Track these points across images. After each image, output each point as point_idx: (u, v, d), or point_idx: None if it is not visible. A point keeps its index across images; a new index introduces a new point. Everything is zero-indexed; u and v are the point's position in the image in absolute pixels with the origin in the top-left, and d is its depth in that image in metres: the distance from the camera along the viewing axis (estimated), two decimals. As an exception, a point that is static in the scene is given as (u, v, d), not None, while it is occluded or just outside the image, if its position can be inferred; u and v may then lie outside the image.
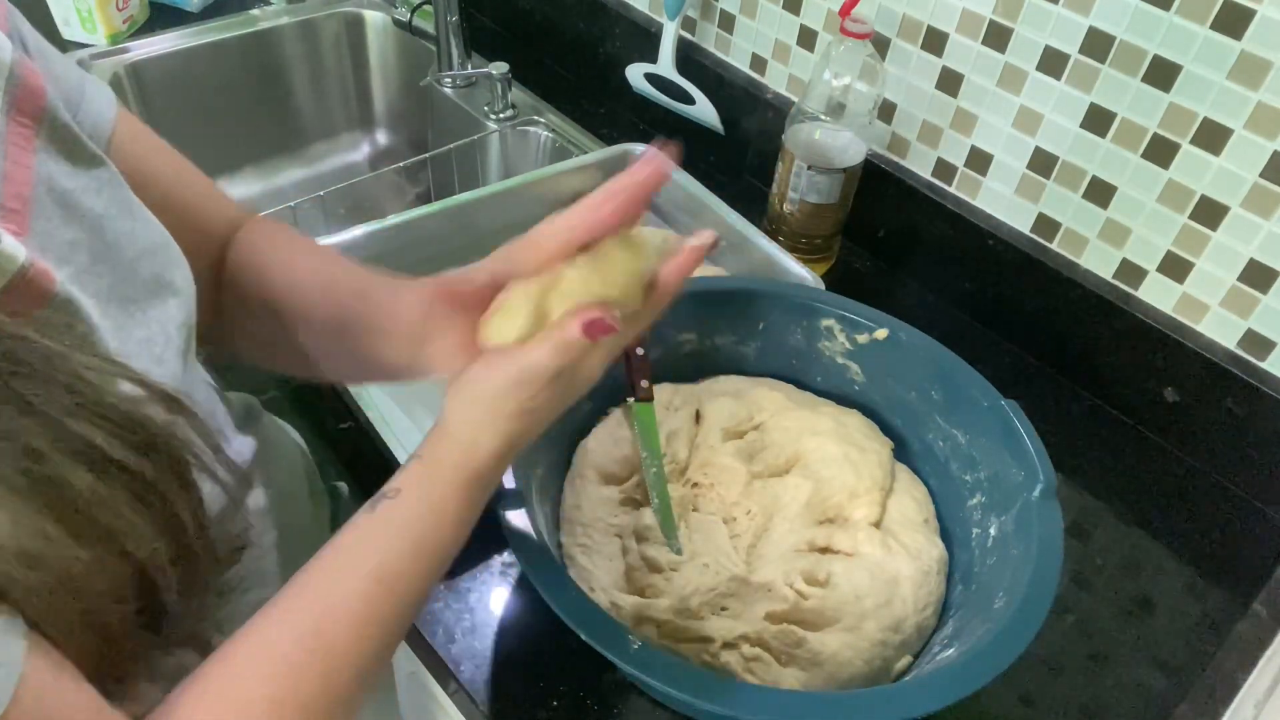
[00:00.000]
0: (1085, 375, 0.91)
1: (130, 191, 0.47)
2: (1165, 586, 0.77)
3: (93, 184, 0.44)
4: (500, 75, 1.14)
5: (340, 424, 0.81)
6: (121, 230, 0.45)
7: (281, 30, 1.29)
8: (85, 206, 0.43)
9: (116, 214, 0.45)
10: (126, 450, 0.38)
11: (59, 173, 0.43)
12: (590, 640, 0.53)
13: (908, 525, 0.69)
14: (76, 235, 0.42)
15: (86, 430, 0.36)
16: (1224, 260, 0.80)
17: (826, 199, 0.94)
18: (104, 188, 0.45)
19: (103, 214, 0.44)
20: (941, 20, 0.89)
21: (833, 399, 0.78)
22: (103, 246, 0.44)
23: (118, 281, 0.44)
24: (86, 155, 0.45)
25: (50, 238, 0.41)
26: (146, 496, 0.39)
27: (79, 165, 0.44)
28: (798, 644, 0.61)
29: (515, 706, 0.64)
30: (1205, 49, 0.74)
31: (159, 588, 0.40)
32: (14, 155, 0.40)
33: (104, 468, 0.37)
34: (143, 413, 0.39)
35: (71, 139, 0.44)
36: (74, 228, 0.42)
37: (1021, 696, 0.68)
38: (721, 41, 1.12)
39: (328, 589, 0.46)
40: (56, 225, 0.41)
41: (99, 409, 0.37)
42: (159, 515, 0.39)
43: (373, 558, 0.47)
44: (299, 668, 0.43)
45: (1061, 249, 0.90)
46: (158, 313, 0.46)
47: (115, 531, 0.37)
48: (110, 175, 0.46)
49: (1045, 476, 0.63)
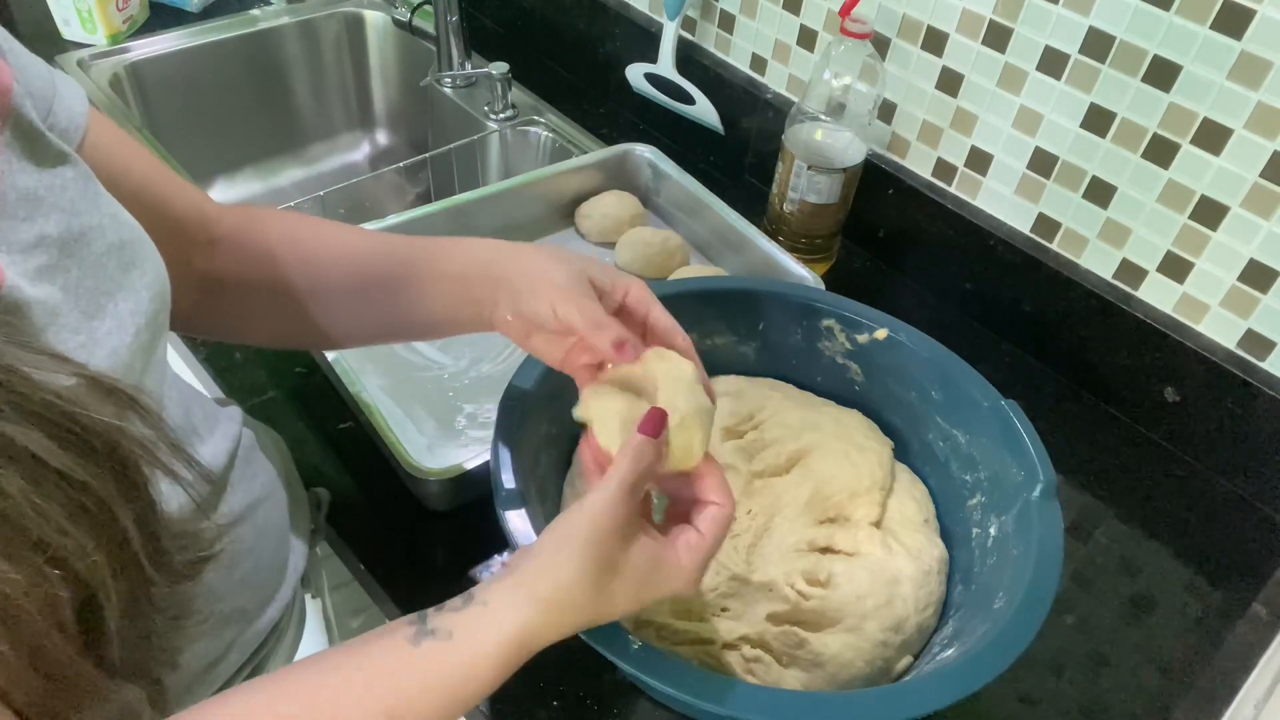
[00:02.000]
0: (1085, 375, 0.91)
1: (100, 187, 0.47)
2: (1165, 586, 0.77)
3: (58, 180, 0.44)
4: (500, 75, 1.14)
5: (340, 424, 0.81)
6: (90, 225, 0.45)
7: (281, 30, 1.29)
8: (50, 202, 0.43)
9: (85, 209, 0.45)
10: (64, 453, 0.35)
11: (23, 170, 0.42)
12: (590, 640, 0.53)
13: (908, 525, 0.69)
14: (42, 230, 0.42)
15: (19, 433, 0.34)
16: (1224, 260, 0.80)
17: (826, 199, 0.94)
18: (70, 184, 0.45)
19: (69, 210, 0.44)
20: (941, 20, 0.89)
21: (833, 399, 0.78)
22: (70, 241, 0.43)
23: (85, 275, 0.43)
24: (52, 153, 0.45)
25: (14, 232, 0.41)
26: (84, 503, 0.36)
27: (44, 163, 0.44)
28: (799, 645, 0.61)
29: (515, 706, 0.64)
30: (1205, 49, 0.74)
31: (102, 610, 0.37)
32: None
33: (38, 474, 0.34)
34: (85, 412, 0.36)
35: (36, 136, 0.44)
36: (39, 223, 0.42)
37: (1021, 696, 0.68)
38: (721, 41, 1.12)
39: (333, 710, 0.42)
40: (20, 221, 0.41)
41: (34, 407, 0.35)
42: (98, 523, 0.36)
43: (392, 695, 0.43)
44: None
45: (1061, 249, 0.90)
46: (129, 305, 0.45)
47: (50, 545, 0.34)
48: (78, 172, 0.46)
49: (1045, 476, 0.63)
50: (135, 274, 0.47)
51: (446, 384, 0.87)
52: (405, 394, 0.85)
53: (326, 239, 0.62)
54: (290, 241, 0.61)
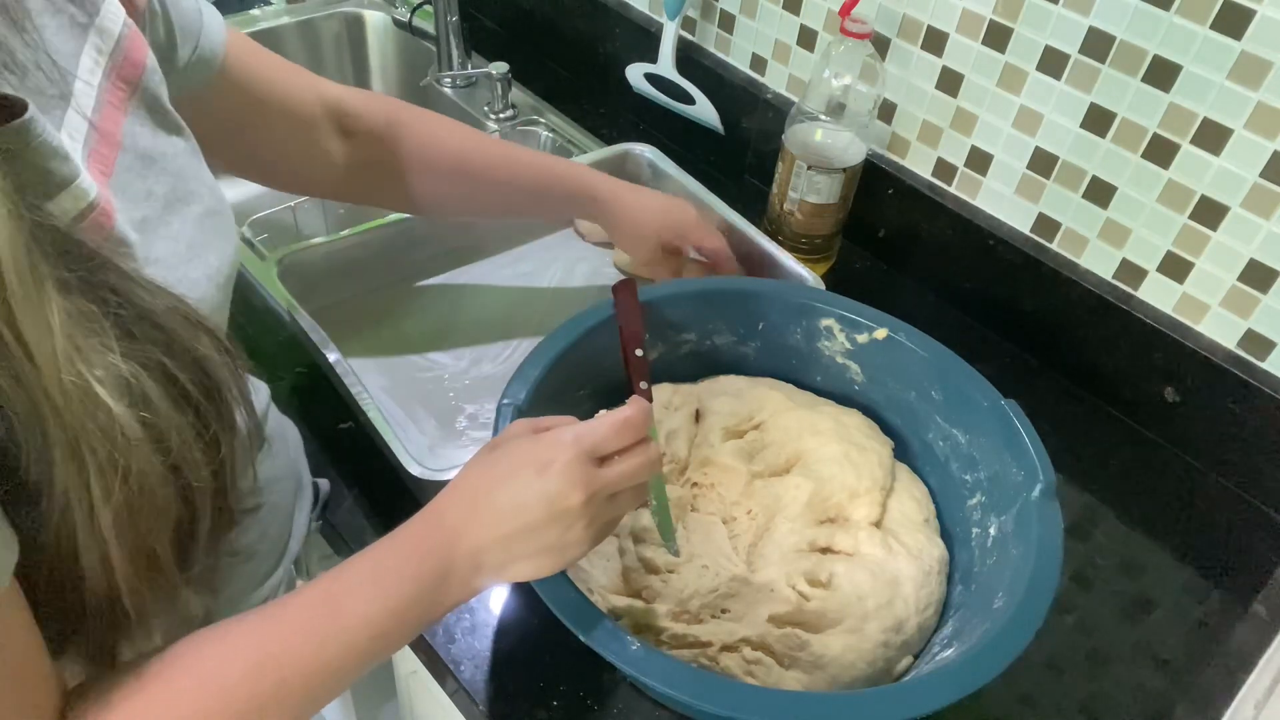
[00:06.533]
0: (1085, 375, 0.91)
1: (203, 161, 0.54)
2: (1165, 586, 0.77)
3: (171, 148, 0.51)
4: (500, 75, 1.14)
5: (340, 423, 0.81)
6: (192, 190, 0.51)
7: (281, 30, 1.29)
8: (162, 165, 0.49)
9: (190, 176, 0.51)
10: (189, 380, 0.42)
11: (144, 133, 0.49)
12: (589, 642, 0.53)
13: (908, 525, 0.69)
14: (153, 187, 0.48)
15: (157, 350, 0.40)
16: (1224, 260, 0.80)
17: (826, 199, 0.94)
18: (181, 154, 0.51)
19: (177, 174, 0.50)
20: (941, 20, 0.89)
21: (833, 399, 0.78)
22: (174, 200, 0.49)
23: (184, 230, 0.49)
24: (171, 123, 0.51)
25: (130, 183, 0.47)
26: (203, 432, 0.42)
27: (162, 130, 0.51)
28: (801, 647, 0.61)
29: (515, 706, 0.64)
30: (1205, 49, 0.74)
31: (197, 519, 0.43)
32: (109, 112, 0.46)
33: (175, 391, 0.41)
34: (194, 345, 0.43)
35: (160, 108, 0.51)
36: (151, 180, 0.48)
37: (1021, 696, 0.68)
38: (721, 41, 1.12)
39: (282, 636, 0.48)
40: (136, 175, 0.48)
41: (160, 331, 0.41)
42: (212, 450, 0.43)
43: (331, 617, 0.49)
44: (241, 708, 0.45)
45: (1061, 249, 0.90)
46: (214, 259, 0.51)
47: (180, 453, 0.41)
48: (188, 145, 0.53)
49: (1045, 476, 0.63)
50: (223, 238, 0.53)
51: (447, 384, 0.87)
52: (405, 394, 0.85)
53: (456, 151, 0.80)
54: (422, 160, 0.78)
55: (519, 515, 0.51)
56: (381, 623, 0.49)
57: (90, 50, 0.46)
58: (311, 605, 0.49)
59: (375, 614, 0.49)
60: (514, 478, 0.52)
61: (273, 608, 0.48)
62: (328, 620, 0.48)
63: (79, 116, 0.44)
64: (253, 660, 0.46)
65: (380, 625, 0.49)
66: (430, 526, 0.52)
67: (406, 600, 0.50)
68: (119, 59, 0.48)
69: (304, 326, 0.79)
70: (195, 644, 0.46)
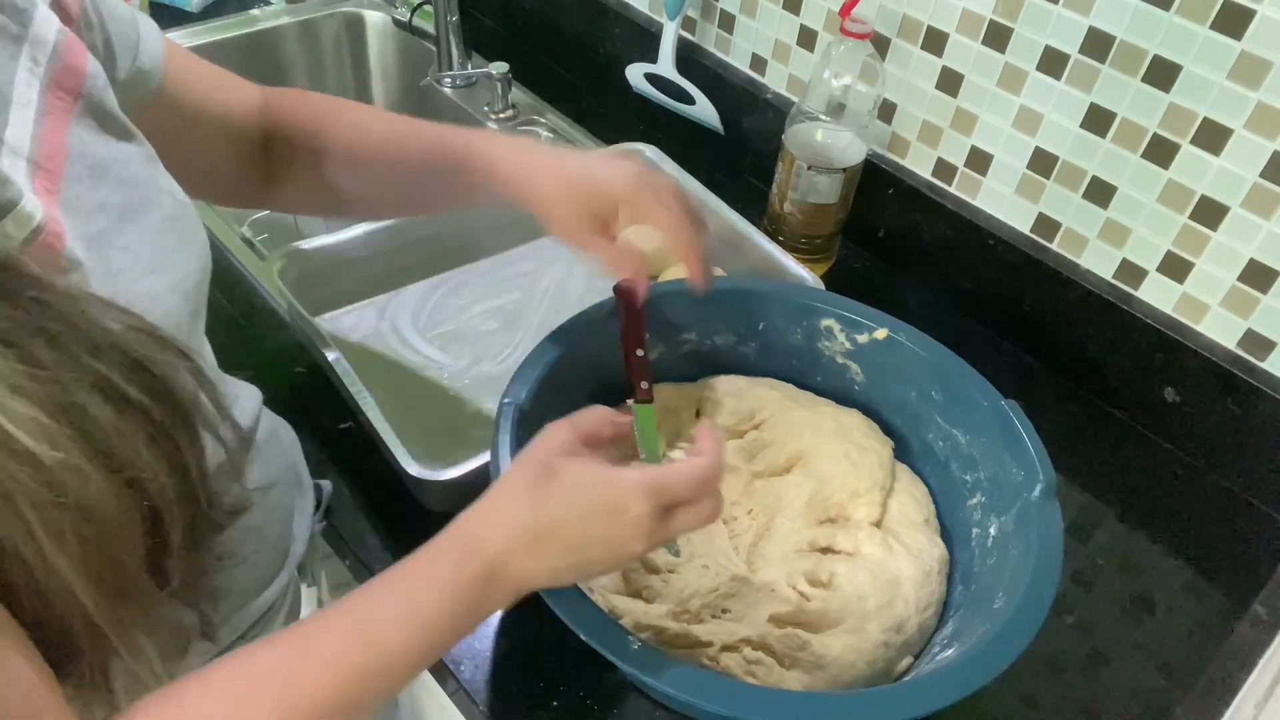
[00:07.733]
0: (1085, 375, 0.91)
1: (161, 165, 0.52)
2: (1165, 586, 0.77)
3: (124, 155, 0.49)
4: (500, 75, 1.14)
5: (340, 424, 0.81)
6: (148, 198, 0.49)
7: (281, 30, 1.29)
8: (116, 174, 0.48)
9: (145, 183, 0.50)
10: (140, 391, 0.40)
11: (93, 142, 0.47)
12: (590, 640, 0.53)
13: (908, 525, 0.69)
14: (106, 198, 0.46)
15: (104, 367, 0.38)
16: (1224, 260, 0.80)
17: (826, 199, 0.94)
18: (134, 160, 0.49)
19: (132, 182, 0.48)
20: (941, 20, 0.89)
21: (833, 399, 0.78)
22: (130, 210, 0.48)
23: (142, 242, 0.48)
24: (121, 129, 0.49)
25: (80, 198, 0.45)
26: (158, 437, 0.41)
27: (112, 137, 0.48)
28: (802, 647, 0.61)
29: (515, 706, 0.64)
30: (1205, 49, 0.74)
31: (166, 530, 0.42)
32: (51, 124, 0.45)
33: (121, 404, 0.39)
34: (152, 357, 0.41)
35: (108, 115, 0.48)
36: (103, 191, 0.46)
37: (1021, 696, 0.68)
38: (721, 41, 1.12)
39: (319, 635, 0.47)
40: (86, 188, 0.46)
41: (113, 349, 0.39)
42: (165, 452, 0.41)
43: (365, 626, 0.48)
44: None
45: (1061, 249, 0.90)
46: (181, 271, 0.50)
47: (130, 463, 0.39)
48: (141, 149, 0.51)
49: (1045, 476, 0.63)
50: (188, 244, 0.51)
51: (446, 384, 0.87)
52: (405, 394, 0.85)
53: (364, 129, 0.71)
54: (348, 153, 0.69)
55: (579, 553, 0.51)
56: (420, 656, 0.49)
57: (26, 61, 0.44)
58: (345, 637, 0.47)
59: (414, 647, 0.48)
60: (585, 521, 0.50)
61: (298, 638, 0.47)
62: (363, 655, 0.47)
63: (18, 134, 0.42)
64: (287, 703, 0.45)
65: (419, 659, 0.49)
66: (467, 553, 0.50)
67: (444, 631, 0.49)
68: (57, 68, 0.46)
69: (304, 327, 0.80)
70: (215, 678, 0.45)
